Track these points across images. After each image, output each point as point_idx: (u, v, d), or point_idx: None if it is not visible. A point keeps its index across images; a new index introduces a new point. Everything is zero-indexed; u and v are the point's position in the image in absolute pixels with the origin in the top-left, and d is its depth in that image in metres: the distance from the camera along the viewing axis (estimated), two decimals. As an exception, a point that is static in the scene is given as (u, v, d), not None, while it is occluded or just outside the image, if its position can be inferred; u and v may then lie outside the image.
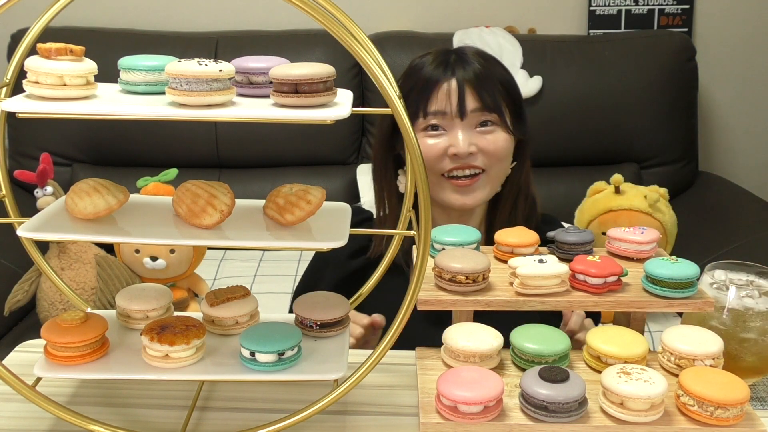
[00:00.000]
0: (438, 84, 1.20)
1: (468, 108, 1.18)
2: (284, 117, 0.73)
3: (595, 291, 0.92)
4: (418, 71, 1.24)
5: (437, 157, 1.20)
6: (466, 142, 1.18)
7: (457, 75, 1.20)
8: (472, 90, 1.19)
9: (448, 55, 1.23)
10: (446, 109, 1.19)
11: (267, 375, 0.82)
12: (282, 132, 2.47)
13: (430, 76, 1.21)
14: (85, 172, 2.43)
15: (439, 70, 1.21)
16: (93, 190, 0.81)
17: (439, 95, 1.19)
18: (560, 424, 0.80)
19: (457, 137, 1.18)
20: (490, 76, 1.21)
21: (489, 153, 1.20)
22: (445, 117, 1.19)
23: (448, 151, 1.19)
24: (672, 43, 2.56)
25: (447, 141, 1.20)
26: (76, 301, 1.02)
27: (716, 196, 2.52)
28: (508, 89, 1.23)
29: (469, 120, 1.19)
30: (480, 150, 1.20)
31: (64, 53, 0.74)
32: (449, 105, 1.19)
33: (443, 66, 1.21)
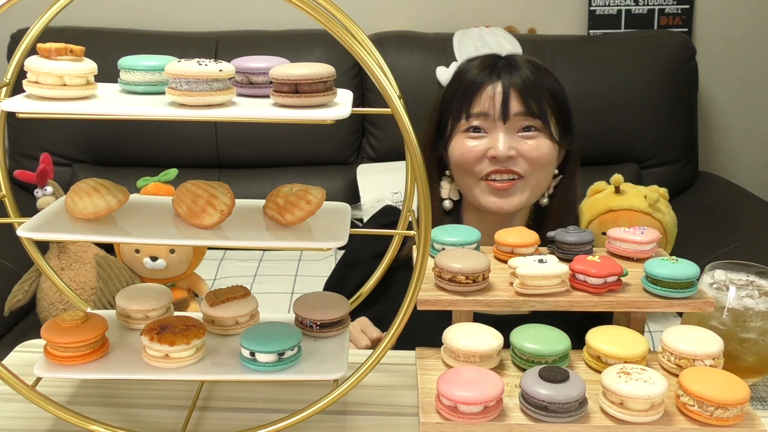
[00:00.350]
0: (483, 86, 1.18)
1: (511, 111, 1.16)
2: (284, 117, 0.73)
3: (595, 291, 0.92)
4: (463, 74, 1.22)
5: (476, 160, 1.18)
6: (507, 145, 1.15)
7: (503, 79, 1.17)
8: (517, 94, 1.16)
9: (496, 60, 1.21)
10: (489, 111, 1.17)
11: (267, 375, 0.82)
12: (282, 132, 2.47)
13: (475, 78, 1.19)
14: (85, 172, 2.43)
15: (485, 73, 1.19)
16: (93, 190, 0.81)
17: (483, 97, 1.17)
18: (560, 424, 0.80)
19: (497, 139, 1.16)
20: (538, 84, 1.18)
21: (530, 159, 1.17)
22: (487, 119, 1.17)
23: (488, 153, 1.17)
24: (672, 43, 2.56)
25: (487, 143, 1.17)
26: (76, 301, 1.02)
27: (716, 196, 2.52)
28: (557, 99, 1.20)
29: (512, 124, 1.17)
30: (520, 154, 1.17)
31: (64, 53, 0.74)
32: (492, 107, 1.16)
33: (489, 69, 1.19)
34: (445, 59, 2.48)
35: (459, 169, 1.21)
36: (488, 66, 1.20)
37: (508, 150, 1.15)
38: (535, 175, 1.19)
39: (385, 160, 2.52)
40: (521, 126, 1.17)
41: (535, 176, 1.19)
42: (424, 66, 2.48)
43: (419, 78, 2.47)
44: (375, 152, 2.56)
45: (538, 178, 1.20)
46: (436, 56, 2.49)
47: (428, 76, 2.47)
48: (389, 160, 2.51)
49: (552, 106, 1.19)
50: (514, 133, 1.17)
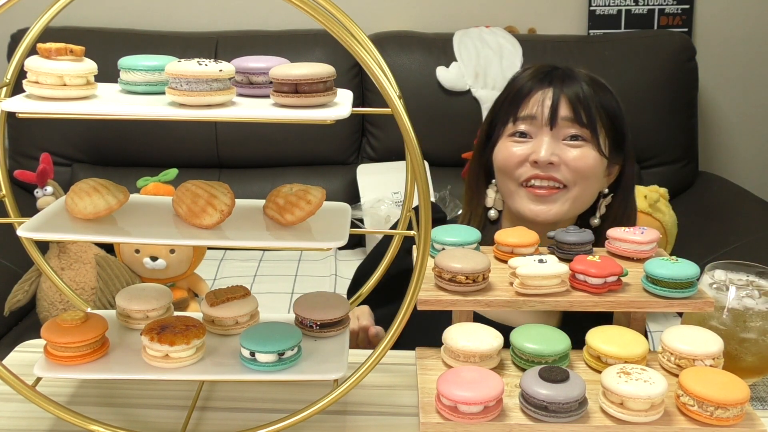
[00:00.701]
0: (532, 92, 1.15)
1: (560, 116, 1.13)
2: (284, 117, 0.73)
3: (595, 291, 0.92)
4: (516, 81, 1.20)
5: (517, 163, 1.15)
6: (550, 150, 1.12)
7: (554, 86, 1.15)
8: (567, 101, 1.13)
9: (552, 69, 1.19)
10: (537, 114, 1.14)
11: (267, 375, 0.82)
12: (282, 132, 2.47)
13: (525, 84, 1.17)
14: (85, 172, 2.43)
15: (536, 80, 1.17)
16: (93, 190, 0.81)
17: (532, 101, 1.15)
18: (560, 424, 0.80)
19: (541, 144, 1.13)
20: (591, 97, 1.14)
21: (573, 168, 1.13)
22: (534, 122, 1.14)
23: (530, 157, 1.13)
24: (672, 43, 2.56)
25: (531, 147, 1.14)
26: (76, 301, 1.02)
27: (716, 196, 2.52)
28: (611, 116, 1.17)
29: (559, 130, 1.13)
30: (563, 162, 1.13)
31: (64, 53, 0.74)
32: (541, 111, 1.13)
33: (542, 77, 1.17)
34: (445, 59, 2.48)
35: (501, 174, 1.18)
36: (542, 74, 1.18)
37: (551, 155, 1.12)
38: (578, 186, 1.14)
39: (385, 160, 2.52)
40: (568, 134, 1.14)
41: (578, 187, 1.14)
42: (424, 66, 2.48)
43: (419, 78, 2.47)
44: (375, 152, 2.56)
45: (582, 190, 1.15)
46: (436, 56, 2.49)
47: (428, 76, 2.47)
48: (389, 160, 2.51)
49: (604, 120, 1.15)
50: (560, 140, 1.14)
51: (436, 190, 2.41)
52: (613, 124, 1.17)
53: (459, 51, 2.49)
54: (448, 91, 2.48)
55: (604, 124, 1.16)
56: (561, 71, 1.18)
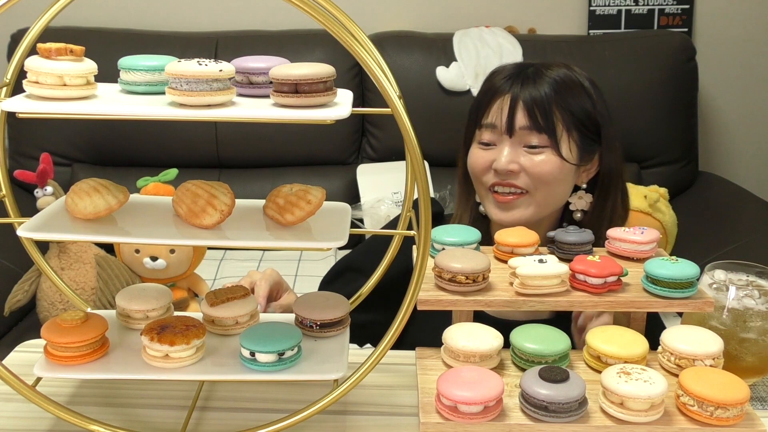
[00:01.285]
0: (495, 97, 1.17)
1: (517, 125, 1.14)
2: (284, 117, 0.73)
3: (595, 291, 0.92)
4: (488, 81, 1.21)
5: (482, 170, 1.18)
6: (508, 159, 1.14)
7: (513, 91, 1.15)
8: (523, 109, 1.14)
9: (525, 68, 1.19)
10: (496, 123, 1.16)
11: (267, 375, 0.82)
12: (282, 132, 2.47)
13: (493, 86, 1.18)
14: (85, 172, 2.43)
15: (505, 82, 1.17)
16: (93, 190, 0.81)
17: (493, 109, 1.17)
18: (560, 424, 0.80)
19: (501, 152, 1.15)
20: (554, 99, 1.14)
21: (533, 175, 1.15)
22: (494, 131, 1.17)
23: (492, 165, 1.17)
24: (672, 43, 2.56)
25: (493, 155, 1.17)
26: (76, 301, 1.02)
27: (716, 196, 2.52)
28: (579, 115, 1.16)
29: (519, 138, 1.15)
30: (523, 169, 1.15)
31: (64, 53, 0.74)
32: (500, 120, 1.15)
33: (512, 79, 1.17)
34: (445, 59, 2.48)
35: (473, 178, 1.23)
36: (513, 74, 1.18)
37: (509, 164, 1.14)
38: (540, 191, 1.16)
39: (385, 160, 2.52)
40: (527, 142, 1.15)
41: (540, 192, 1.16)
42: (424, 66, 2.48)
43: (419, 78, 2.47)
44: (375, 152, 2.56)
45: (545, 195, 1.17)
46: (436, 56, 2.49)
47: (428, 76, 2.47)
48: (389, 160, 2.51)
49: (568, 121, 1.15)
50: (520, 147, 1.16)
51: (436, 190, 2.41)
52: (582, 123, 1.17)
53: (459, 51, 2.49)
54: (448, 91, 2.48)
55: (568, 126, 1.15)
56: (532, 70, 1.18)
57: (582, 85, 1.19)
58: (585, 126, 1.17)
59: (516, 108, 1.14)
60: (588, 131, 1.18)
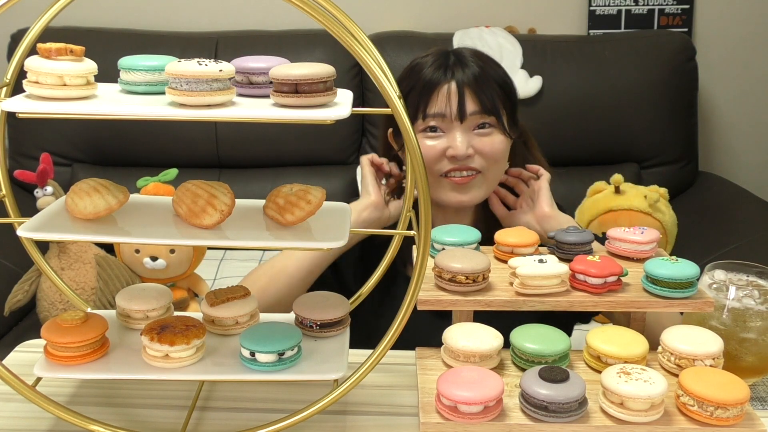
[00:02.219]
0: (438, 86, 1.21)
1: (467, 111, 1.19)
2: (284, 117, 0.73)
3: (595, 291, 0.92)
4: (417, 72, 1.24)
5: (436, 158, 1.21)
6: (465, 144, 1.19)
7: (456, 77, 1.20)
8: (471, 93, 1.19)
9: (447, 57, 1.24)
10: (446, 112, 1.20)
11: (267, 375, 0.82)
12: (282, 132, 2.47)
13: (430, 78, 1.22)
14: (85, 172, 2.43)
15: (439, 72, 1.22)
16: (93, 190, 0.81)
17: (439, 98, 1.20)
18: (560, 424, 0.80)
19: (455, 139, 1.19)
20: (488, 79, 1.21)
21: (486, 155, 1.21)
22: (444, 119, 1.20)
23: (447, 152, 1.20)
24: (672, 43, 2.56)
25: (445, 142, 1.21)
26: (76, 301, 1.02)
27: (716, 196, 2.52)
28: (506, 91, 1.24)
29: (468, 122, 1.20)
30: (477, 152, 1.21)
31: (64, 53, 0.74)
32: (449, 108, 1.19)
33: (443, 68, 1.22)
34: (445, 59, 2.48)
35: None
36: (441, 65, 1.23)
37: (467, 149, 1.19)
38: (491, 170, 1.23)
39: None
40: (477, 124, 1.21)
41: (491, 171, 1.23)
42: (424, 66, 2.47)
43: (419, 78, 2.46)
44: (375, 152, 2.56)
45: (494, 172, 1.24)
46: (436, 56, 2.49)
47: (428, 76, 2.46)
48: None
49: (503, 99, 1.22)
50: (470, 130, 1.21)
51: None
52: (508, 98, 1.24)
53: (459, 51, 2.49)
54: (448, 91, 2.47)
55: (503, 102, 1.22)
56: (454, 56, 1.23)
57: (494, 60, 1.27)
58: (509, 98, 1.24)
59: (464, 94, 1.19)
60: (511, 105, 1.24)
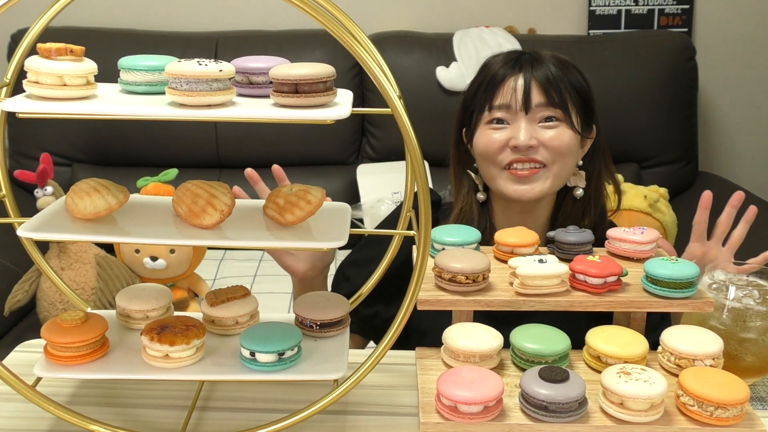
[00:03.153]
0: (505, 79, 1.20)
1: (533, 102, 1.18)
2: (284, 117, 0.73)
3: (595, 291, 0.92)
4: (487, 68, 1.24)
5: (498, 149, 1.20)
6: (528, 134, 1.17)
7: (525, 72, 1.20)
8: (538, 86, 1.19)
9: (520, 55, 1.24)
10: (511, 103, 1.19)
11: (267, 375, 0.82)
12: (282, 132, 2.47)
13: (498, 72, 1.22)
14: (85, 172, 2.43)
15: (507, 67, 1.22)
16: (93, 190, 0.81)
17: (505, 89, 1.20)
18: (560, 424, 0.80)
19: (519, 129, 1.18)
20: (560, 77, 1.20)
21: (551, 147, 1.18)
22: (509, 110, 1.19)
23: (510, 143, 1.19)
24: (672, 43, 2.56)
25: (509, 133, 1.19)
26: (76, 301, 1.02)
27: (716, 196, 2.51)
28: (580, 93, 1.22)
29: (533, 114, 1.18)
30: (542, 144, 1.18)
31: (65, 53, 0.74)
32: (514, 98, 1.18)
33: (512, 63, 1.22)
34: (445, 59, 2.48)
35: (483, 160, 1.23)
36: (511, 60, 1.23)
37: (530, 139, 1.17)
38: (557, 164, 1.20)
39: (385, 160, 2.52)
40: (543, 116, 1.19)
41: (557, 165, 1.20)
42: (424, 66, 2.48)
43: (419, 78, 2.47)
44: (375, 152, 2.56)
45: (560, 167, 1.20)
46: (436, 56, 2.49)
47: (428, 76, 2.47)
48: (389, 160, 2.51)
49: (574, 98, 1.21)
50: (536, 123, 1.19)
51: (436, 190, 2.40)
52: (582, 101, 1.23)
53: (459, 51, 2.49)
54: (448, 91, 2.47)
55: (575, 102, 1.21)
56: (528, 55, 1.23)
57: (575, 66, 1.26)
58: (583, 101, 1.23)
59: (531, 85, 1.18)
60: (585, 108, 1.23)
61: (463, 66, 2.46)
